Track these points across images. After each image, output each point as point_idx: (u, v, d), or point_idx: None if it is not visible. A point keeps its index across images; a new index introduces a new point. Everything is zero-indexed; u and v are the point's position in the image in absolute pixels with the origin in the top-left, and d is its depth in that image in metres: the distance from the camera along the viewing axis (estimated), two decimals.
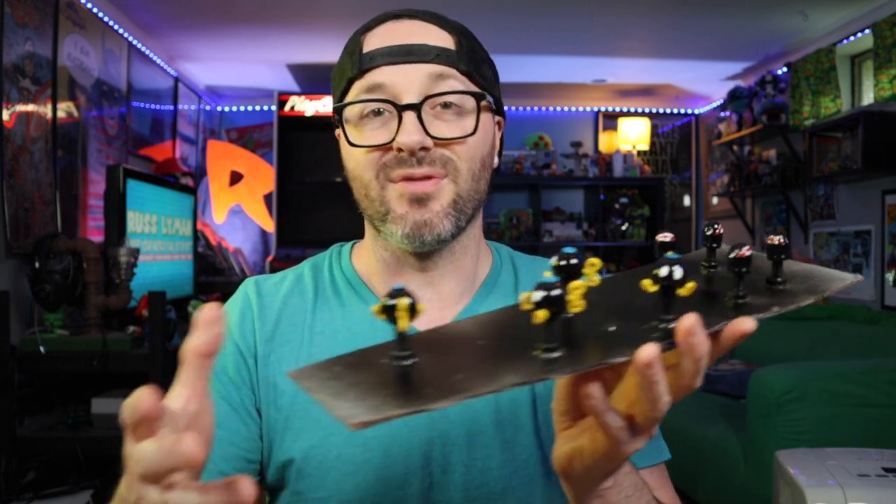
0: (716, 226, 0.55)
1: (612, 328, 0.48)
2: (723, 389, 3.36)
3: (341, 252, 0.89)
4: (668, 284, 0.45)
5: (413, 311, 0.44)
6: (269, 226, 5.05)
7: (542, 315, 0.44)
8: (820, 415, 2.51)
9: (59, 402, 2.62)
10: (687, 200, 5.88)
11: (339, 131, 0.81)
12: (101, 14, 3.37)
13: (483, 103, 0.78)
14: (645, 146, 5.55)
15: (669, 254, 0.48)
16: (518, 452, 0.78)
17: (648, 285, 0.46)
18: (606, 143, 5.68)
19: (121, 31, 3.62)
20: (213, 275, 4.31)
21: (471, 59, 0.78)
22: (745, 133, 4.44)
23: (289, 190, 4.78)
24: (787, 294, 0.51)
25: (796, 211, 4.27)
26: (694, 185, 5.84)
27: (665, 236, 0.53)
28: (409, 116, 0.74)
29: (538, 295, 0.44)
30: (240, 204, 5.11)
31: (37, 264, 2.49)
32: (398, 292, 0.44)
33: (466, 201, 0.78)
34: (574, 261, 0.48)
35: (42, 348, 2.39)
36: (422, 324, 0.81)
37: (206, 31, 3.93)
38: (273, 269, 4.22)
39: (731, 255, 0.50)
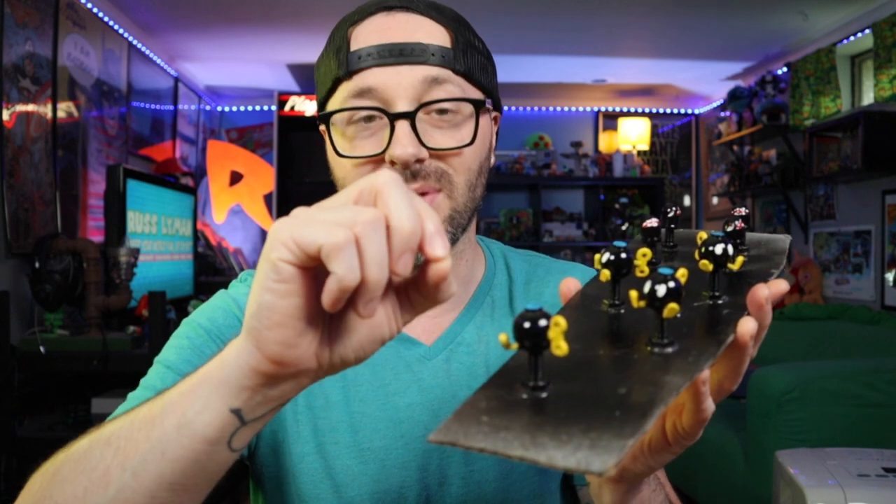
0: (674, 207, 0.58)
1: (677, 315, 0.46)
2: None
3: None
4: (722, 262, 0.46)
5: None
6: (269, 226, 5.04)
7: (672, 309, 0.41)
8: (820, 415, 2.51)
9: (59, 402, 2.62)
10: (687, 200, 5.88)
11: (322, 127, 0.78)
12: (101, 14, 3.37)
13: (482, 109, 0.74)
14: (645, 146, 5.54)
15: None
16: (515, 465, 0.76)
17: (706, 265, 0.47)
18: (606, 143, 5.68)
19: (121, 31, 3.62)
20: (213, 275, 4.30)
21: (468, 56, 0.73)
22: (745, 133, 4.44)
23: (289, 190, 4.78)
24: (763, 259, 0.54)
25: (796, 211, 4.27)
26: (694, 185, 5.84)
27: (651, 222, 0.54)
28: (403, 126, 0.69)
29: (662, 289, 0.41)
30: (240, 204, 5.11)
31: (37, 264, 2.49)
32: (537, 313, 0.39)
33: (463, 213, 0.75)
34: (624, 255, 0.46)
35: (42, 348, 2.39)
36: (416, 331, 0.79)
37: (206, 31, 3.93)
38: None
39: (729, 229, 0.53)
